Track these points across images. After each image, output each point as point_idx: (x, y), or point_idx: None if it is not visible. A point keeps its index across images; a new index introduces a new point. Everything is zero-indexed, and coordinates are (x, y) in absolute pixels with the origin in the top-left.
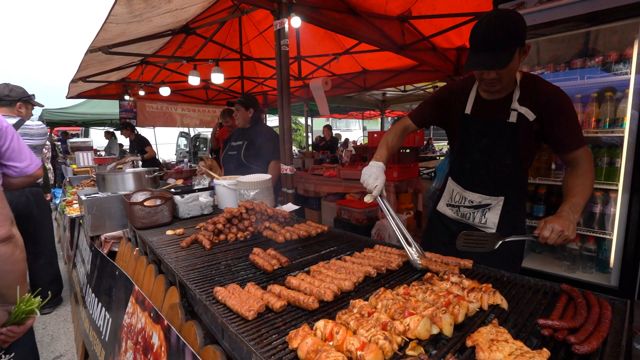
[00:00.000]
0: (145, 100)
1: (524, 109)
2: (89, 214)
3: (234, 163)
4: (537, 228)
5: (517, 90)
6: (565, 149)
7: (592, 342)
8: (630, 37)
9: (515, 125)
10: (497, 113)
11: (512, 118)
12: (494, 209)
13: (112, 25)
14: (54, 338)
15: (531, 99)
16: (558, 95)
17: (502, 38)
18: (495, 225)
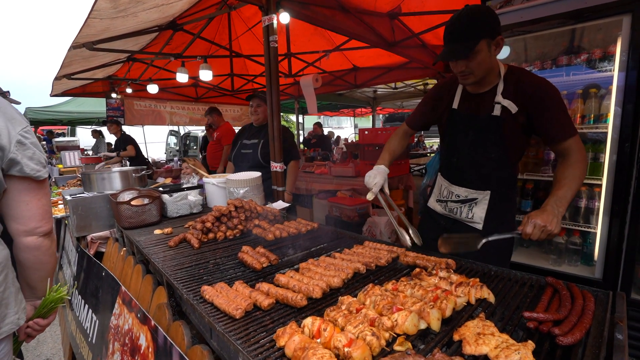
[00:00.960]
0: (133, 98)
1: (507, 102)
2: (74, 214)
3: (249, 162)
4: (521, 224)
5: (501, 83)
6: (555, 140)
7: (576, 334)
8: (613, 35)
9: (499, 119)
10: (482, 107)
11: (496, 111)
12: (480, 204)
13: (96, 20)
14: (40, 342)
15: (516, 91)
16: (543, 86)
17: (465, 30)
18: (482, 220)
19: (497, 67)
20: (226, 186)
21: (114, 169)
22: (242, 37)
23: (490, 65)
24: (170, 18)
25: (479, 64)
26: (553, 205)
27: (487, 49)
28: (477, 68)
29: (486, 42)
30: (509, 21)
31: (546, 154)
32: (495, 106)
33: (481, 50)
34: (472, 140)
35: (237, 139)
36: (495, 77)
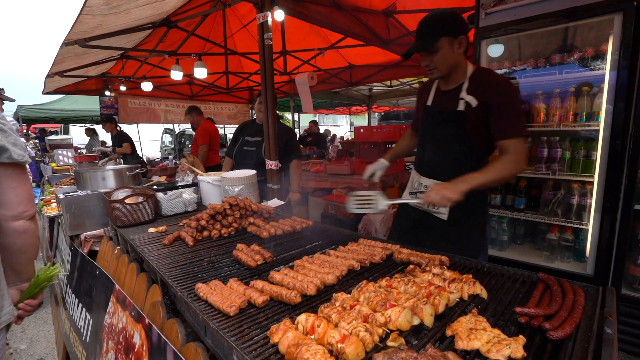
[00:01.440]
0: (127, 95)
1: (469, 97)
2: (67, 212)
3: (252, 159)
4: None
5: (466, 81)
6: (496, 136)
7: (566, 328)
8: (605, 33)
9: (462, 113)
10: (449, 103)
11: (460, 107)
12: None
13: (88, 17)
14: (34, 341)
15: (479, 88)
16: (502, 84)
17: (428, 27)
18: (447, 211)
19: (464, 66)
20: (221, 184)
21: (107, 167)
22: (237, 35)
23: (454, 62)
24: (164, 15)
25: (441, 59)
26: (459, 180)
27: (448, 46)
28: (440, 62)
29: (448, 39)
30: (502, 19)
31: (539, 151)
32: (460, 102)
33: (442, 47)
34: (440, 133)
35: (237, 135)
36: (462, 75)
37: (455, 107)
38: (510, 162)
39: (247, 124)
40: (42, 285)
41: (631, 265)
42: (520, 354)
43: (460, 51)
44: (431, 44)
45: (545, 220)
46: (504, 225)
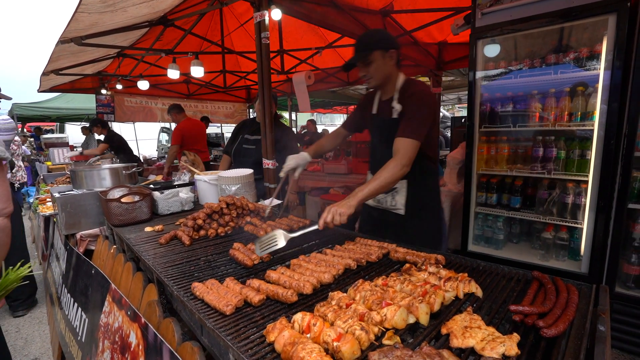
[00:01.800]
0: (123, 94)
1: (399, 105)
2: (62, 211)
3: (251, 157)
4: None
5: (397, 92)
6: (396, 134)
7: (559, 326)
8: (600, 34)
9: (396, 121)
10: (387, 111)
11: (394, 114)
12: (400, 192)
13: (84, 15)
14: (28, 341)
15: (404, 97)
16: (418, 93)
17: (363, 43)
18: (404, 206)
19: (395, 77)
20: (218, 183)
21: (103, 166)
22: (234, 34)
23: (387, 73)
24: (160, 13)
25: (375, 70)
26: (349, 197)
27: (381, 58)
28: (374, 73)
29: (380, 53)
30: (498, 20)
31: (534, 151)
32: (392, 110)
33: (376, 59)
34: (385, 138)
35: (237, 133)
36: (394, 86)
37: (391, 115)
38: (394, 167)
39: (246, 122)
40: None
41: (625, 264)
42: (514, 352)
43: (392, 63)
44: (366, 57)
45: (540, 219)
46: (499, 224)
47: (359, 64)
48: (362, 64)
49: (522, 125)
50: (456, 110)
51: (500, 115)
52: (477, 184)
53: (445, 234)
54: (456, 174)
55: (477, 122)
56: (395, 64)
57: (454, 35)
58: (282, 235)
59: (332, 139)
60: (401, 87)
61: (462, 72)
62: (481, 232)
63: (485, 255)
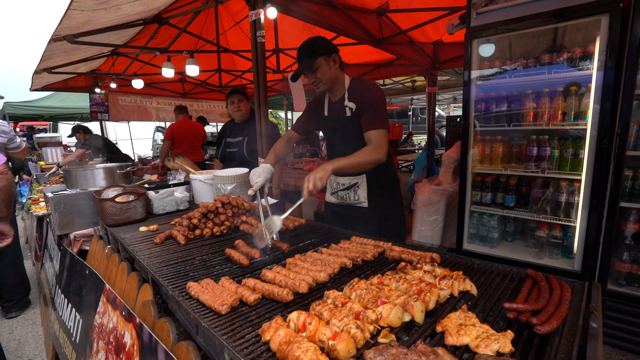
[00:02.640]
0: (117, 93)
1: (351, 104)
2: (56, 211)
3: (236, 160)
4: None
5: (346, 92)
6: (365, 128)
7: (552, 323)
8: (593, 34)
9: (350, 118)
10: (339, 111)
11: (347, 113)
12: (361, 186)
13: (77, 12)
14: (22, 343)
15: (355, 94)
16: (369, 88)
17: (306, 51)
18: (366, 199)
19: (342, 79)
20: (213, 183)
21: (97, 166)
22: (230, 32)
23: (334, 76)
24: (155, 11)
25: (322, 74)
26: (325, 163)
27: (325, 64)
28: (322, 77)
29: (324, 58)
30: (493, 19)
31: (529, 150)
32: (346, 109)
33: (321, 65)
34: (340, 137)
35: (220, 138)
36: (342, 86)
37: (344, 114)
38: (372, 150)
39: (226, 127)
40: None
41: (617, 261)
42: (508, 349)
43: (336, 66)
44: (311, 64)
45: (534, 217)
46: (494, 223)
47: (307, 71)
48: (309, 71)
49: (516, 125)
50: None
51: (495, 115)
52: (472, 182)
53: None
54: (451, 173)
55: (472, 122)
56: (339, 66)
57: (450, 34)
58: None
59: (285, 143)
60: (349, 87)
61: (457, 71)
62: (476, 230)
63: (480, 254)
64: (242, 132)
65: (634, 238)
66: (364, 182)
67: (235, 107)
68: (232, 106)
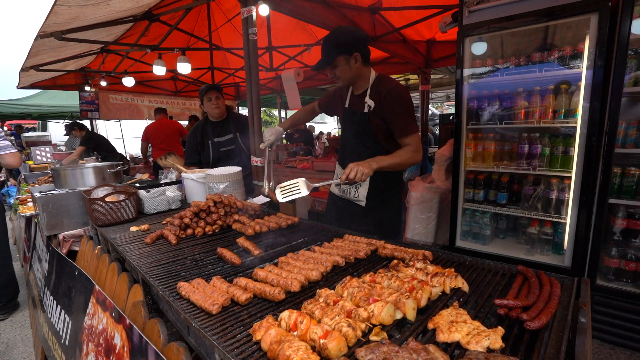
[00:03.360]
0: (108, 91)
1: (370, 101)
2: (44, 212)
3: (235, 157)
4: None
5: (369, 87)
6: (398, 136)
7: (542, 318)
8: (582, 33)
9: (367, 114)
10: (359, 105)
11: (366, 109)
12: (363, 185)
13: (64, 7)
14: (10, 346)
15: (377, 93)
16: (394, 91)
17: (326, 47)
18: (365, 198)
19: (367, 75)
20: (205, 181)
21: (86, 165)
22: (222, 29)
23: (354, 74)
24: (145, 8)
25: (342, 72)
26: (371, 160)
27: (345, 63)
28: (341, 75)
29: (344, 58)
30: (485, 17)
31: (520, 147)
32: (365, 105)
33: (340, 64)
34: (354, 132)
35: (202, 141)
36: (366, 82)
37: (363, 109)
38: (411, 151)
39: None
40: None
41: (606, 257)
42: (498, 345)
43: (358, 65)
44: (330, 62)
45: (526, 214)
46: (486, 220)
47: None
48: (329, 67)
49: (508, 123)
50: (445, 107)
51: (487, 113)
52: (465, 180)
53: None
54: (444, 171)
55: (465, 120)
56: (361, 64)
57: (442, 32)
58: (305, 184)
59: (308, 114)
60: (373, 83)
61: (450, 69)
62: (469, 227)
63: (472, 251)
64: (228, 129)
65: (623, 234)
66: (367, 182)
67: (213, 104)
68: (209, 103)
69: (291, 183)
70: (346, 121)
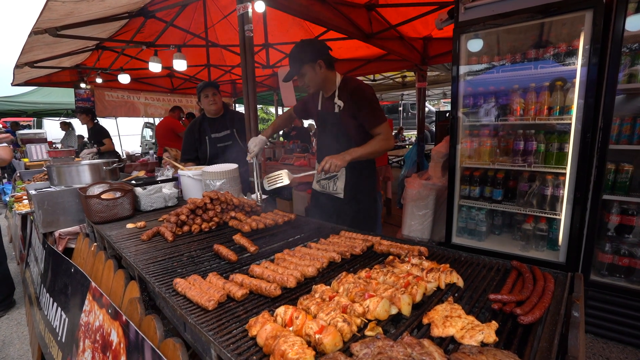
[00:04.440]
0: (103, 88)
1: (339, 101)
2: (39, 209)
3: (233, 153)
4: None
5: (337, 89)
6: (370, 126)
7: (536, 313)
8: (577, 30)
9: (337, 115)
10: (329, 107)
11: (336, 109)
12: (340, 178)
13: (58, 3)
14: (6, 343)
15: (344, 92)
16: (359, 88)
17: (293, 59)
18: (342, 190)
19: (333, 78)
20: (202, 178)
21: (82, 162)
22: (219, 26)
23: (322, 79)
24: (140, 4)
25: (310, 80)
26: (345, 153)
27: (311, 70)
28: (310, 83)
29: (309, 65)
30: (481, 14)
31: (516, 144)
32: (335, 105)
33: (307, 72)
34: (328, 131)
35: (200, 137)
36: (333, 85)
37: (333, 110)
38: (382, 140)
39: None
40: None
41: (599, 253)
42: (492, 339)
43: (323, 70)
44: (298, 71)
45: (521, 211)
46: (482, 217)
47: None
48: (298, 76)
49: (503, 119)
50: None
51: (483, 110)
52: (461, 177)
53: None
54: (441, 168)
55: (461, 116)
56: (326, 69)
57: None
58: (286, 175)
59: (286, 120)
60: (340, 85)
61: (446, 67)
62: (464, 224)
63: (468, 247)
64: (225, 125)
65: (616, 230)
66: (343, 175)
67: (210, 100)
68: (206, 100)
69: (276, 174)
70: (320, 122)
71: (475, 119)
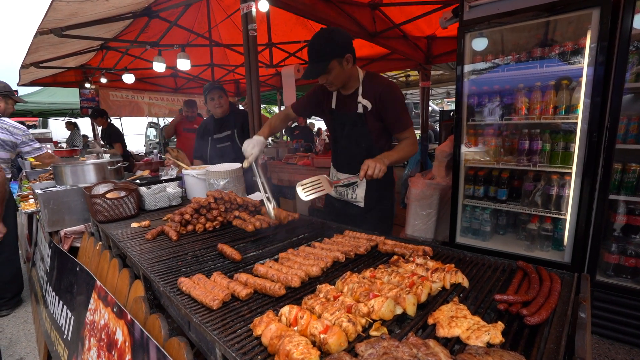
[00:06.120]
0: (108, 88)
1: (365, 101)
2: (45, 208)
3: (230, 154)
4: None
5: (360, 87)
6: (395, 131)
7: (542, 313)
8: (583, 28)
9: (362, 115)
10: (350, 106)
11: (359, 109)
12: (360, 186)
13: (62, 3)
14: (13, 341)
15: (371, 92)
16: (388, 88)
17: (317, 53)
18: (363, 199)
19: (356, 74)
20: (206, 178)
21: (87, 162)
22: (222, 26)
23: (348, 75)
24: (144, 4)
25: (335, 77)
26: (382, 156)
27: (338, 66)
28: (334, 80)
29: (337, 61)
30: (486, 13)
31: (521, 144)
32: (359, 105)
33: (333, 68)
34: (347, 133)
35: (204, 136)
36: (356, 81)
37: (356, 109)
38: (411, 144)
39: (207, 125)
40: None
41: (605, 253)
42: (498, 340)
43: (349, 66)
44: (324, 68)
45: (526, 210)
46: (486, 216)
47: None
48: (322, 74)
49: (508, 119)
50: (445, 104)
51: (488, 109)
52: (465, 176)
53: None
54: (444, 167)
55: (465, 116)
56: (352, 64)
57: (443, 28)
58: (326, 181)
59: (282, 119)
60: (364, 81)
61: (450, 66)
62: (469, 224)
63: (472, 247)
64: (227, 126)
65: (623, 230)
66: (364, 183)
67: (216, 103)
68: (212, 102)
69: (312, 180)
70: (338, 123)
71: (480, 118)
